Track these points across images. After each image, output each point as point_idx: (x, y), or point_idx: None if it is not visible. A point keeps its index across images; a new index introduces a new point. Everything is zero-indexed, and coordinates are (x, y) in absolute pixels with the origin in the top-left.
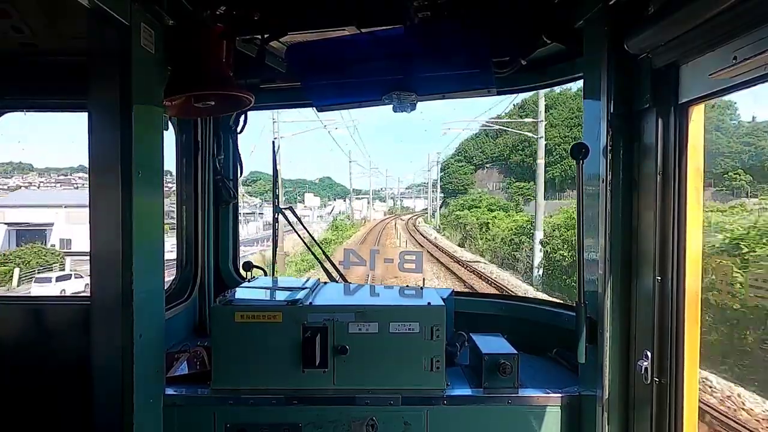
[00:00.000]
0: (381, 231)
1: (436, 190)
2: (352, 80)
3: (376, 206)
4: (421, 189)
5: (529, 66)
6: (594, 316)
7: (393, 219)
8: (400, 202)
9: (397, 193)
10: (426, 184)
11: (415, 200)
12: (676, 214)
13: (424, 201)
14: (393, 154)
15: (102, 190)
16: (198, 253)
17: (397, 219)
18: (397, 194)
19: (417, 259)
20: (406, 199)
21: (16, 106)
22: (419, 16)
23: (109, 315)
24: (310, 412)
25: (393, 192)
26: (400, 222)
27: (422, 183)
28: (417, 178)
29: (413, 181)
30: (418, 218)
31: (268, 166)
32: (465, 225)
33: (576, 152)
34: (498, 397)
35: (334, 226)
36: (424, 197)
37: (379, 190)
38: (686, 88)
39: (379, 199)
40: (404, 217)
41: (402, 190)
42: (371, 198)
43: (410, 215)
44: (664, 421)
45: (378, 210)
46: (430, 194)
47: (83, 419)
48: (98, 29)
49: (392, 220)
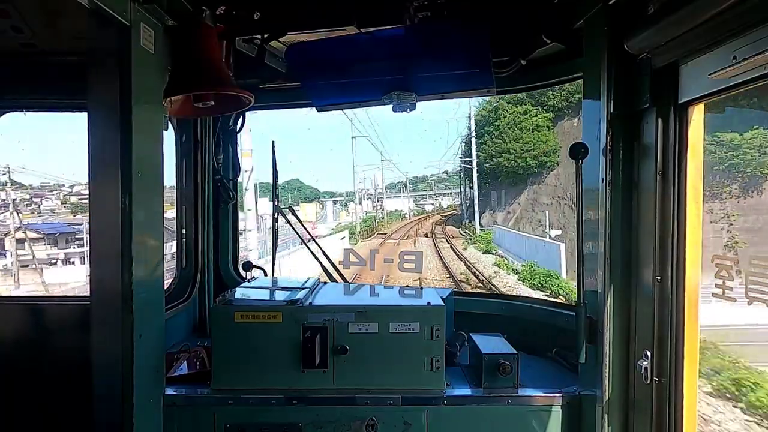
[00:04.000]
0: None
1: (465, 179)
2: (352, 80)
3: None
4: (400, 187)
5: (529, 66)
6: (594, 315)
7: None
8: (380, 204)
9: (374, 193)
10: (449, 175)
11: (404, 200)
12: (676, 214)
13: (405, 201)
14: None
15: (102, 190)
16: (198, 253)
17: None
18: (375, 195)
19: (417, 259)
20: (388, 200)
21: (16, 106)
22: (419, 16)
23: (109, 315)
24: (310, 412)
25: (370, 192)
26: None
27: (439, 173)
28: (428, 168)
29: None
30: (450, 235)
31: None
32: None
33: (575, 152)
34: (498, 397)
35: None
36: (432, 195)
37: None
38: (686, 88)
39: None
40: (408, 232)
41: (382, 189)
42: (360, 200)
43: (414, 223)
44: (664, 421)
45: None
46: (467, 185)
47: (83, 419)
48: (98, 29)
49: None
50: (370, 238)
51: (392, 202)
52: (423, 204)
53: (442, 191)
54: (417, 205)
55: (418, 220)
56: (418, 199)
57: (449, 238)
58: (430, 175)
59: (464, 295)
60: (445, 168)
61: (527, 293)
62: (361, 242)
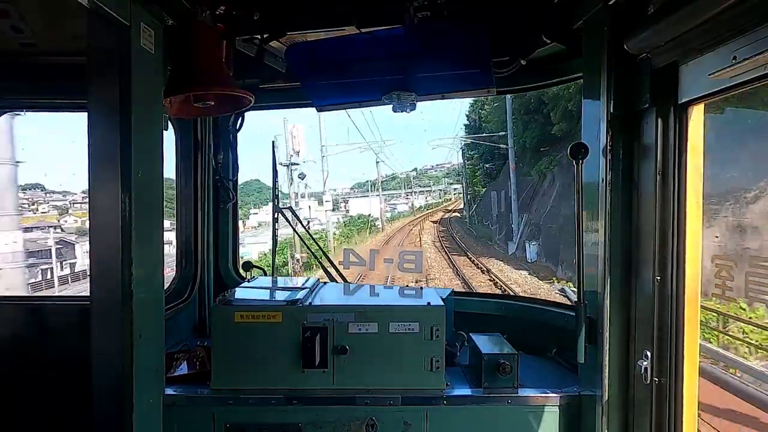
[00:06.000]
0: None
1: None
2: (352, 80)
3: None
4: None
5: (528, 66)
6: (594, 315)
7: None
8: (345, 205)
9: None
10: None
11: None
12: (676, 214)
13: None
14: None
15: (102, 190)
16: (198, 253)
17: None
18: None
19: (417, 259)
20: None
21: (16, 106)
22: (419, 15)
23: (109, 315)
24: (310, 412)
25: (336, 192)
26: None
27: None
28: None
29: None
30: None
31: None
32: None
33: (575, 152)
34: (498, 397)
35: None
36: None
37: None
38: (686, 88)
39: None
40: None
41: (347, 189)
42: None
43: (408, 229)
44: (664, 421)
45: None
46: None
47: (83, 419)
48: (98, 29)
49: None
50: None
51: (359, 204)
52: (395, 204)
53: (424, 188)
54: (389, 205)
55: (406, 227)
56: (388, 198)
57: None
58: (400, 173)
59: (464, 295)
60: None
61: None
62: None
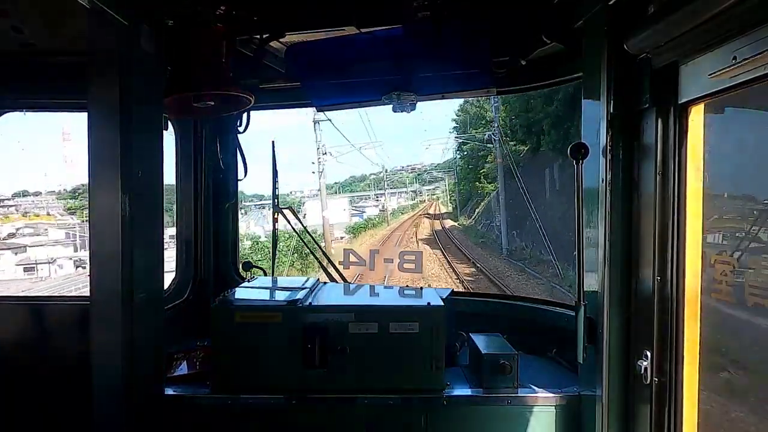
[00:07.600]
0: None
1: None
2: (352, 80)
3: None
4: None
5: (528, 66)
6: (593, 316)
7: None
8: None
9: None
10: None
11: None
12: (676, 214)
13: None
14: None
15: (102, 190)
16: (198, 253)
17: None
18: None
19: (416, 259)
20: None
21: (16, 106)
22: (419, 15)
23: (109, 315)
24: (310, 412)
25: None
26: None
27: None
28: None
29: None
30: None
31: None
32: None
33: (575, 152)
34: (498, 397)
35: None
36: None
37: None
38: (686, 88)
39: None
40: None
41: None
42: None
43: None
44: (664, 421)
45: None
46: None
47: (83, 419)
48: (98, 29)
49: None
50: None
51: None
52: (363, 207)
53: (397, 189)
54: (355, 208)
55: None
56: (355, 201)
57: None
58: (369, 174)
59: (464, 295)
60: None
61: None
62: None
